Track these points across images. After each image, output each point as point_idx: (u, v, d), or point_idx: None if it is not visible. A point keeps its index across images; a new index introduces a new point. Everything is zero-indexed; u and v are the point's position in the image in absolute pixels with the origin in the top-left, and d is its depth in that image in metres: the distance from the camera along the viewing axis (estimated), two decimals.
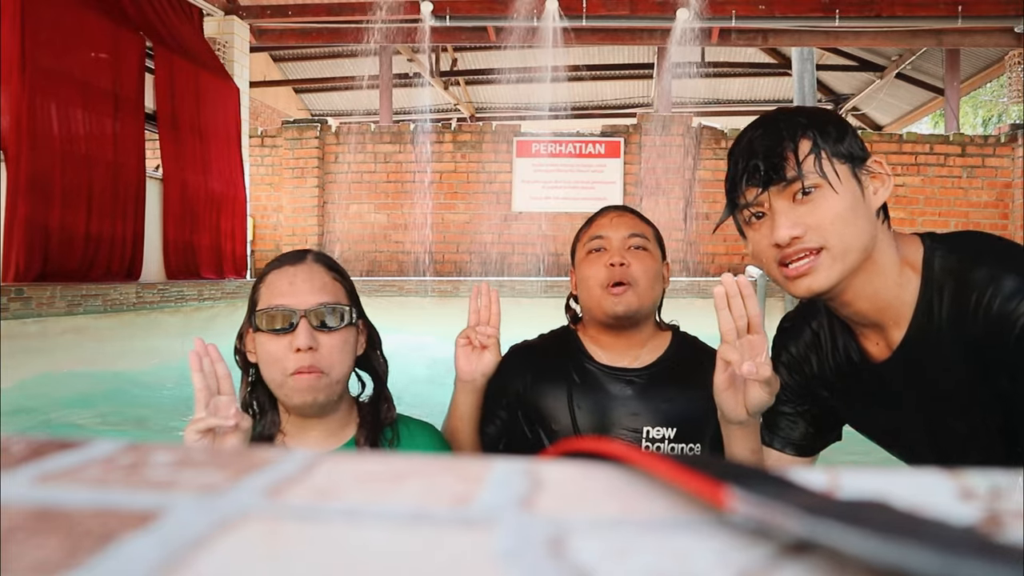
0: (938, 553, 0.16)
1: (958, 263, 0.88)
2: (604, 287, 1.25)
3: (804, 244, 0.88)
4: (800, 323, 1.09)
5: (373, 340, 1.19)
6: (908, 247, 0.93)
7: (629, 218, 1.33)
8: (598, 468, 0.27)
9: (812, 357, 1.07)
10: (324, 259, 1.13)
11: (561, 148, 7.70)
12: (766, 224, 0.92)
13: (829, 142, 0.89)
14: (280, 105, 12.12)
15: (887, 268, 0.91)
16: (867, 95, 10.48)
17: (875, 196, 0.91)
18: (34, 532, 0.20)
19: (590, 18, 6.95)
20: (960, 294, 0.87)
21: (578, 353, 1.33)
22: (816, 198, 0.88)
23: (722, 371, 0.95)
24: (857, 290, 0.91)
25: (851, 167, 0.90)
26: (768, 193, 0.90)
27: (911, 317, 0.91)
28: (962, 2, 6.57)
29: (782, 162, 0.89)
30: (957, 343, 0.87)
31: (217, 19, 6.63)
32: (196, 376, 0.94)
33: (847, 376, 1.02)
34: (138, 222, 5.08)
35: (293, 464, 0.27)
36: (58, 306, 3.84)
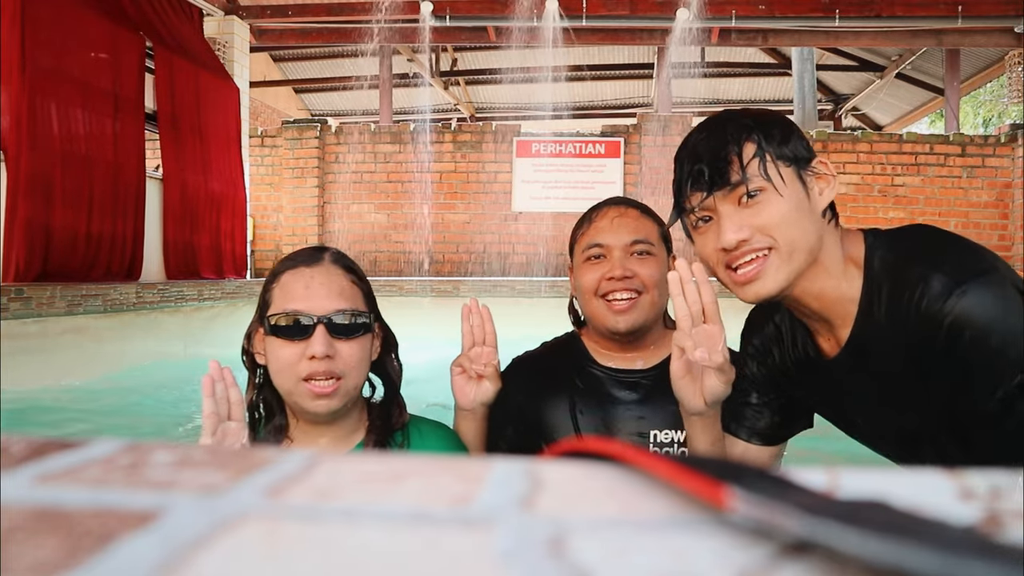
0: (938, 553, 0.16)
1: (895, 261, 0.89)
2: (604, 298, 1.19)
3: (751, 246, 0.89)
4: (764, 316, 1.10)
5: (389, 343, 1.14)
6: (852, 244, 0.93)
7: (631, 219, 1.23)
8: (598, 468, 0.27)
9: (774, 350, 1.08)
10: (342, 259, 1.07)
11: (561, 148, 7.70)
12: (712, 228, 0.92)
13: (773, 144, 0.89)
14: (280, 105, 12.12)
15: (832, 267, 0.91)
16: (867, 95, 10.48)
17: (821, 197, 0.91)
18: (34, 532, 0.20)
19: (590, 18, 6.95)
20: (895, 292, 0.88)
21: (580, 358, 1.27)
22: (761, 201, 0.88)
23: (677, 358, 0.96)
24: (804, 289, 0.92)
25: (796, 169, 0.90)
26: (713, 197, 0.90)
27: (855, 314, 0.92)
28: (962, 2, 6.57)
29: (726, 166, 0.89)
30: (896, 341, 0.88)
31: (217, 19, 6.63)
32: (207, 401, 0.91)
33: (805, 370, 1.03)
34: (138, 222, 5.08)
35: (293, 464, 0.27)
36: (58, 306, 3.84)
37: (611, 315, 1.18)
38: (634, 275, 1.18)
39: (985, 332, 0.80)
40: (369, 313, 1.06)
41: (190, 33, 6.00)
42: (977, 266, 0.83)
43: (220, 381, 0.93)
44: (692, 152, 0.93)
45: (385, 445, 1.08)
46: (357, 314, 1.02)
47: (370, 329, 1.05)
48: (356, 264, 1.10)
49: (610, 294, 1.18)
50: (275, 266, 1.08)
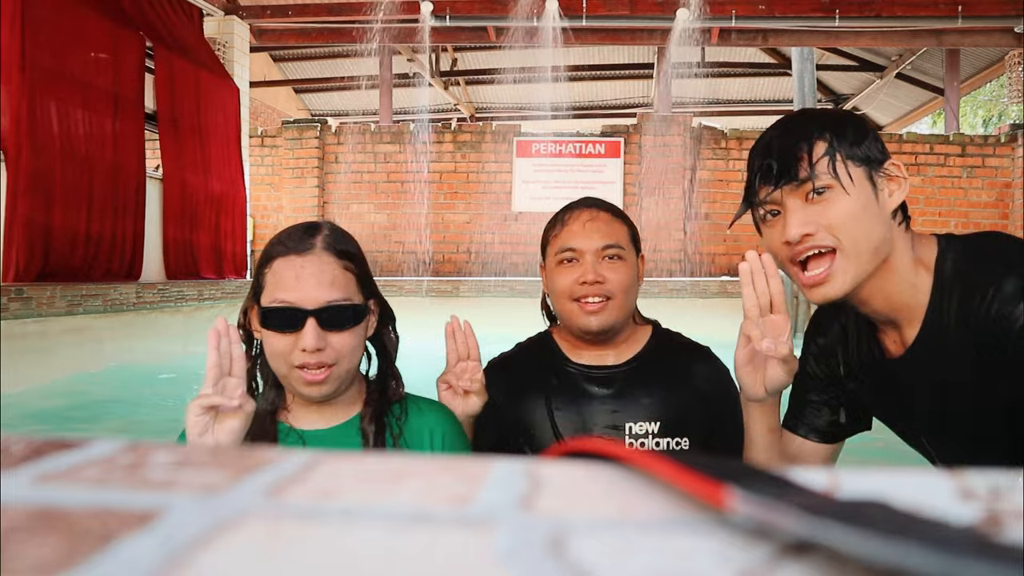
0: (938, 553, 0.16)
1: (967, 264, 0.90)
2: (577, 300, 1.22)
3: (815, 242, 0.90)
4: (830, 317, 1.11)
5: (385, 316, 1.13)
6: (923, 248, 0.95)
7: (603, 223, 1.26)
8: (598, 468, 0.27)
9: (838, 350, 1.09)
10: (335, 243, 1.04)
11: (561, 148, 7.70)
12: (779, 222, 0.95)
13: (845, 145, 0.90)
14: (280, 105, 12.12)
15: (901, 269, 0.93)
16: (867, 95, 10.48)
17: (890, 198, 0.92)
18: (34, 532, 0.20)
19: (590, 18, 6.95)
20: (967, 295, 0.89)
21: (555, 357, 1.30)
22: (828, 198, 0.90)
23: (743, 347, 0.98)
24: (872, 290, 0.93)
25: (867, 170, 0.91)
26: (781, 192, 0.93)
27: (923, 316, 0.93)
28: (962, 2, 6.57)
29: (795, 162, 0.91)
30: (965, 343, 0.89)
31: (217, 19, 6.63)
32: (211, 353, 0.92)
33: (869, 371, 1.05)
34: (138, 222, 5.09)
35: (293, 464, 0.27)
36: (58, 306, 3.84)
37: (583, 316, 1.22)
38: (605, 280, 1.21)
39: None
40: (363, 301, 1.05)
41: (190, 33, 6.00)
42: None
43: (226, 336, 0.94)
44: (764, 147, 0.96)
45: (382, 417, 1.09)
46: (348, 306, 1.01)
47: (363, 317, 1.04)
48: (351, 244, 1.07)
49: (583, 297, 1.22)
50: (267, 246, 1.05)
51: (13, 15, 4.09)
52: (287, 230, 1.06)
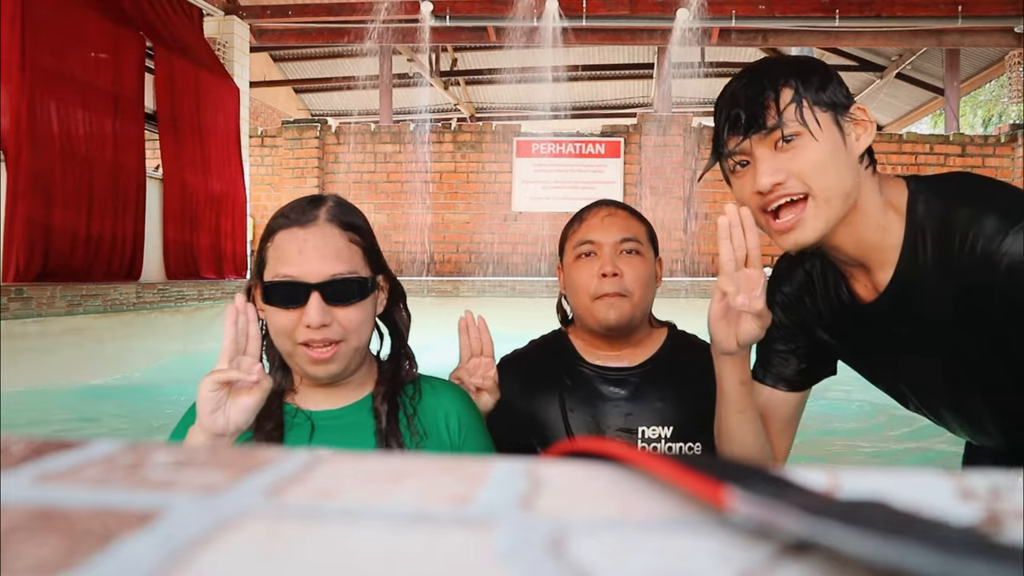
0: (938, 553, 0.16)
1: (941, 205, 0.89)
2: (595, 296, 1.21)
3: (786, 190, 0.90)
4: (794, 264, 1.10)
5: (396, 294, 1.09)
6: (893, 190, 0.94)
7: (621, 218, 1.27)
8: (598, 468, 0.27)
9: (805, 298, 1.08)
10: (339, 215, 0.99)
11: (561, 148, 7.70)
12: (749, 172, 0.94)
13: (811, 91, 0.90)
14: (280, 105, 12.12)
15: (871, 212, 0.92)
16: (867, 95, 10.48)
17: (857, 142, 0.92)
18: (34, 532, 0.20)
19: (590, 18, 6.95)
20: (943, 236, 0.88)
21: (569, 356, 1.29)
22: (797, 145, 0.89)
23: (717, 301, 0.96)
24: (842, 235, 0.92)
25: (833, 115, 0.90)
26: (750, 141, 0.92)
27: (897, 259, 0.93)
28: (962, 2, 6.57)
29: (763, 111, 0.90)
30: (943, 285, 0.89)
31: (217, 19, 6.63)
32: (228, 329, 0.88)
33: (839, 316, 1.04)
34: (138, 222, 5.09)
35: (293, 464, 0.27)
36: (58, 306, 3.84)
37: (601, 309, 1.21)
38: (622, 273, 1.21)
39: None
40: (370, 275, 1.00)
41: (190, 33, 6.00)
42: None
43: (243, 314, 0.90)
44: (730, 98, 0.94)
45: (395, 397, 1.05)
46: (355, 279, 0.97)
47: (370, 291, 1.00)
48: (357, 216, 1.02)
49: (600, 291, 1.21)
50: (271, 220, 1.01)
51: (13, 15, 4.09)
52: (290, 203, 1.02)
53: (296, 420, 1.01)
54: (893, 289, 0.94)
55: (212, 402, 0.85)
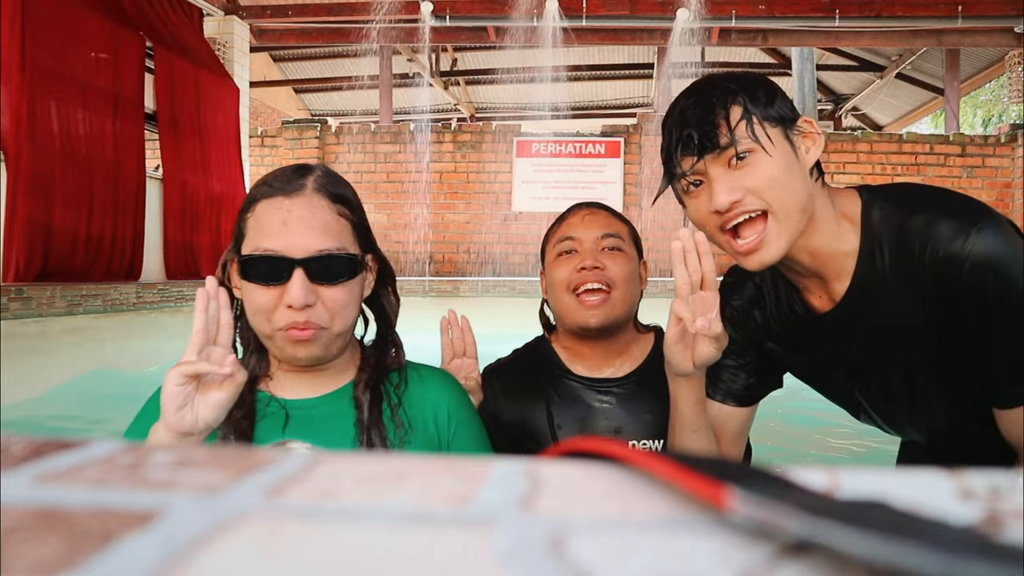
0: (938, 553, 0.16)
1: (896, 213, 0.90)
2: (576, 293, 1.17)
3: (744, 207, 0.89)
4: (742, 278, 1.10)
5: (384, 276, 1.01)
6: (845, 200, 0.95)
7: (602, 216, 1.24)
8: (598, 468, 0.27)
9: (755, 311, 1.08)
10: (327, 184, 0.91)
11: (561, 148, 7.70)
12: (704, 192, 0.93)
13: (759, 106, 0.90)
14: (280, 105, 12.12)
15: (824, 223, 0.93)
16: (867, 95, 10.48)
17: (807, 155, 0.92)
18: (34, 532, 0.20)
19: (590, 18, 6.95)
20: (901, 243, 0.89)
21: (554, 367, 1.24)
22: (751, 162, 0.89)
23: (674, 325, 0.96)
24: (798, 247, 0.93)
25: (782, 129, 0.91)
26: (704, 161, 0.91)
27: (853, 269, 0.93)
28: (962, 2, 6.57)
29: (714, 130, 0.90)
30: (902, 291, 0.89)
31: (217, 19, 6.63)
32: (199, 316, 0.80)
33: (792, 328, 1.04)
34: (138, 222, 5.09)
35: (293, 464, 0.27)
36: (58, 306, 3.84)
37: (582, 310, 1.16)
38: (604, 267, 1.17)
39: (1007, 268, 0.82)
40: (359, 253, 0.92)
41: (190, 33, 6.00)
42: (981, 209, 0.86)
43: (215, 299, 0.81)
44: (680, 118, 0.94)
45: (378, 386, 0.97)
46: (343, 256, 0.89)
47: (359, 271, 0.92)
48: (346, 187, 0.94)
49: (581, 287, 1.16)
50: (252, 188, 0.92)
51: (13, 15, 4.09)
52: (274, 171, 0.93)
53: (269, 409, 0.93)
54: (850, 298, 0.94)
55: (179, 397, 0.77)
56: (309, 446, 0.91)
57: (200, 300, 0.80)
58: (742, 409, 1.12)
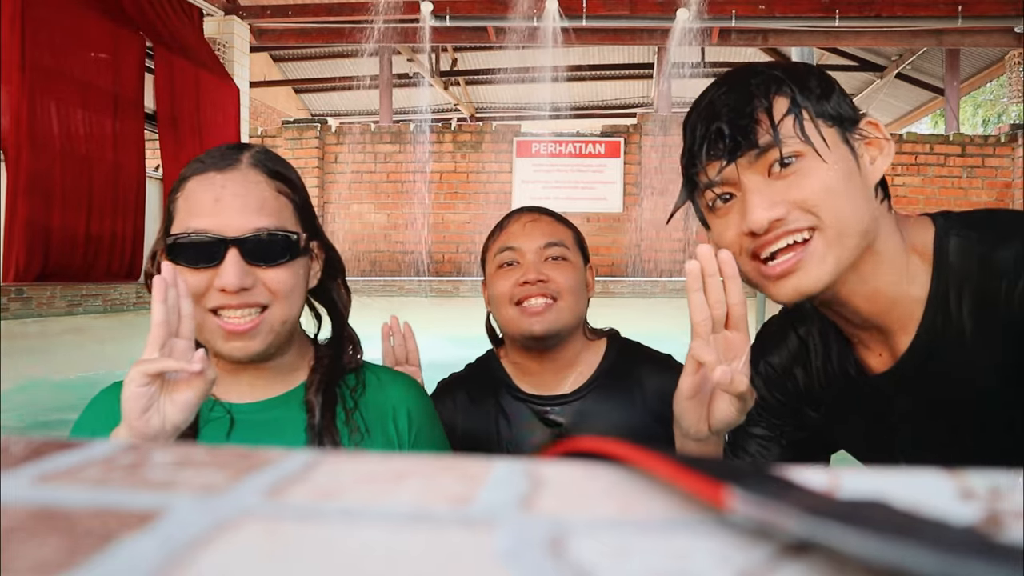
0: (938, 553, 0.16)
1: (979, 245, 0.70)
2: (516, 303, 1.10)
3: (788, 226, 0.69)
4: (784, 329, 0.90)
5: (332, 266, 0.93)
6: (916, 230, 0.74)
7: (544, 223, 1.16)
8: (598, 468, 0.27)
9: (798, 371, 0.88)
10: (264, 160, 0.84)
11: (561, 148, 7.70)
12: (735, 208, 0.73)
13: (812, 100, 0.71)
14: (280, 105, 12.12)
15: (890, 258, 0.72)
16: (867, 95, 10.48)
17: (872, 166, 0.73)
18: (34, 532, 0.20)
19: (590, 18, 6.95)
20: (985, 284, 0.69)
21: (502, 385, 1.17)
22: (799, 170, 0.69)
23: (691, 373, 0.72)
24: (853, 287, 0.73)
25: (840, 131, 0.72)
26: (736, 166, 0.71)
27: (921, 317, 0.73)
28: (962, 2, 6.57)
29: (752, 125, 0.70)
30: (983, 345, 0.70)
31: (217, 19, 6.63)
32: (158, 307, 0.71)
33: (841, 392, 0.84)
34: (138, 222, 5.09)
35: (293, 464, 0.27)
36: (58, 306, 3.84)
37: (525, 319, 1.10)
38: (548, 279, 1.10)
39: None
40: (301, 232, 0.84)
41: (190, 33, 6.00)
42: None
43: (174, 287, 0.73)
44: (708, 111, 0.74)
45: (332, 388, 0.89)
46: (281, 234, 0.80)
47: (301, 252, 0.83)
48: (287, 167, 0.87)
49: (524, 300, 1.10)
50: (183, 169, 0.84)
51: (13, 15, 4.09)
52: (209, 149, 0.86)
53: (213, 414, 0.85)
54: (915, 355, 0.74)
55: (143, 399, 0.68)
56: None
57: (158, 289, 0.72)
58: None
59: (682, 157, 0.79)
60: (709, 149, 0.73)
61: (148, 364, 0.69)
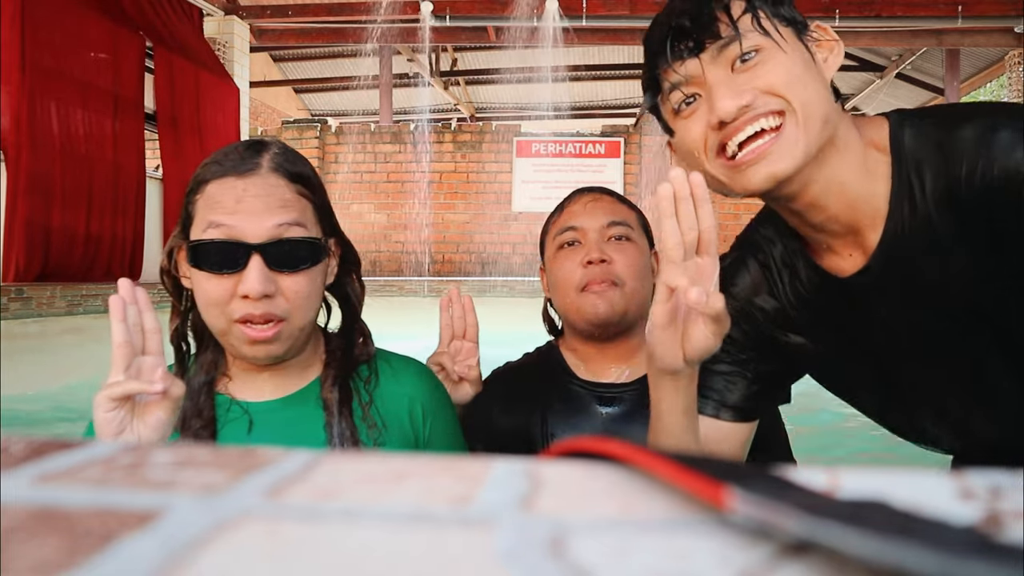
0: (938, 553, 0.16)
1: (935, 129, 0.71)
2: (580, 290, 1.06)
3: (758, 110, 0.71)
4: (741, 259, 0.89)
5: (348, 260, 0.93)
6: (871, 127, 0.76)
7: (607, 202, 1.12)
8: (598, 468, 0.27)
9: (763, 297, 0.87)
10: (284, 162, 0.82)
11: (561, 148, 7.70)
12: (701, 106, 0.74)
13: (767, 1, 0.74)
14: (280, 105, 12.12)
15: (852, 153, 0.73)
16: (867, 95, 10.48)
17: (826, 64, 0.75)
18: (34, 532, 0.20)
19: (590, 18, 6.95)
20: (945, 165, 0.69)
21: (559, 371, 1.13)
22: (761, 61, 0.71)
23: (663, 300, 0.71)
24: (824, 184, 0.73)
25: (795, 31, 0.74)
26: (700, 61, 0.72)
27: (887, 209, 0.73)
28: (962, 2, 6.57)
29: (713, 21, 0.72)
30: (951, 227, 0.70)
31: (217, 19, 6.63)
32: (117, 327, 0.69)
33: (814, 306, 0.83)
34: (138, 222, 5.09)
35: (293, 464, 0.27)
36: (58, 306, 3.84)
37: (588, 304, 1.05)
38: (612, 260, 1.05)
39: None
40: (322, 237, 0.85)
41: (190, 33, 6.00)
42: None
43: (133, 304, 0.71)
44: (668, 12, 0.75)
45: (347, 382, 0.89)
46: (304, 241, 0.81)
47: (322, 257, 0.84)
48: (305, 164, 0.86)
49: (588, 286, 1.05)
50: (199, 169, 0.83)
51: (13, 15, 4.09)
52: (223, 148, 0.84)
53: (231, 414, 0.85)
54: (886, 247, 0.74)
55: (114, 424, 0.69)
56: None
57: (115, 309, 0.70)
58: (741, 425, 0.88)
59: (644, 63, 0.79)
60: (672, 47, 0.74)
61: (112, 388, 0.68)
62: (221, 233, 0.78)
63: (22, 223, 4.10)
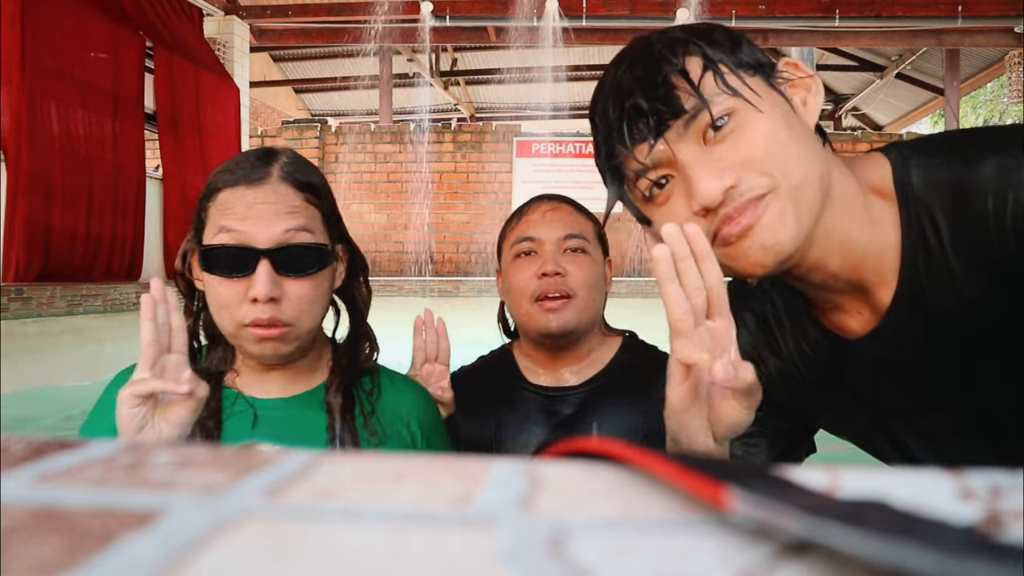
0: (938, 553, 0.16)
1: (946, 170, 0.62)
2: (535, 300, 1.08)
3: (745, 194, 0.61)
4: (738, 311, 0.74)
5: (355, 266, 0.96)
6: (868, 168, 0.67)
7: (565, 212, 1.13)
8: (598, 468, 0.27)
9: (765, 353, 0.79)
10: (294, 172, 0.85)
11: (561, 148, 7.70)
12: (676, 189, 0.64)
13: (724, 52, 0.64)
14: (280, 105, 12.12)
15: (850, 202, 0.64)
16: (867, 95, 10.48)
17: (806, 108, 0.66)
18: (34, 532, 0.20)
19: (590, 18, 6.95)
20: (966, 207, 0.60)
21: (511, 376, 1.16)
22: (736, 128, 0.61)
23: (679, 381, 0.61)
24: (822, 243, 0.64)
25: (764, 78, 0.64)
26: (665, 141, 0.63)
27: (900, 261, 0.65)
28: (962, 2, 6.57)
29: (671, 92, 0.62)
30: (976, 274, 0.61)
31: (217, 19, 6.62)
32: (147, 326, 0.72)
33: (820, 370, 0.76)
34: (138, 222, 5.09)
35: (293, 464, 0.27)
36: (58, 306, 3.84)
37: (542, 316, 1.08)
38: (566, 273, 1.07)
39: None
40: (329, 242, 0.87)
41: (190, 33, 6.00)
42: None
43: (163, 303, 0.74)
44: (615, 91, 0.65)
45: (351, 390, 0.92)
46: (311, 246, 0.84)
47: (329, 262, 0.87)
48: (314, 172, 0.89)
49: (543, 297, 1.08)
50: (212, 176, 0.87)
51: (13, 15, 4.09)
52: (234, 157, 0.88)
53: (236, 407, 0.89)
54: (901, 304, 0.65)
55: (136, 419, 0.71)
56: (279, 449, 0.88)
57: (146, 308, 0.73)
58: None
59: (597, 152, 0.70)
60: (631, 131, 0.64)
61: (138, 386, 0.71)
62: (231, 238, 0.82)
63: (22, 223, 4.10)
